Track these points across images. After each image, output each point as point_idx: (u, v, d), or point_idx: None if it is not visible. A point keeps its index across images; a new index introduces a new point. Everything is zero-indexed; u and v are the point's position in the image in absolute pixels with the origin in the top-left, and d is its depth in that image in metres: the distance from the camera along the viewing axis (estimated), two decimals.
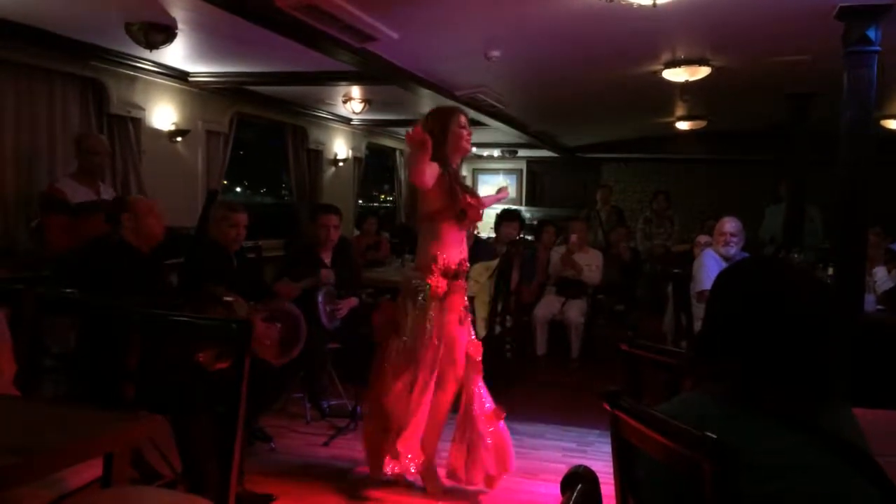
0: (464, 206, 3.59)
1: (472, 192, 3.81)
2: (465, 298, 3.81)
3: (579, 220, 7.78)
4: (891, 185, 7.98)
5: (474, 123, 8.57)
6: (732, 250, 4.83)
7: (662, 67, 5.98)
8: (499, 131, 8.93)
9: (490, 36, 5.15)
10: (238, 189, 10.33)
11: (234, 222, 4.25)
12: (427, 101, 7.33)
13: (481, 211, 3.75)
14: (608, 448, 1.52)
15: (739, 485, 1.20)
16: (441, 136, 3.50)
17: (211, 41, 5.10)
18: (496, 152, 12.68)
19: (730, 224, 4.91)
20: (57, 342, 3.34)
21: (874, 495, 1.23)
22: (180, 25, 4.61)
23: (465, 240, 3.80)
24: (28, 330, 2.65)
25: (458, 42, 5.29)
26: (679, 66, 5.87)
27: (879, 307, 4.85)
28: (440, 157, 3.47)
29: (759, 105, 8.17)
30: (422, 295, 3.58)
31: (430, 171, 3.40)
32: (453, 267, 3.65)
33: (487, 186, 14.05)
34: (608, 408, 1.49)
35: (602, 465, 3.10)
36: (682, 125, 9.51)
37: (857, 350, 3.67)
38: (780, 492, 1.21)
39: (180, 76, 6.13)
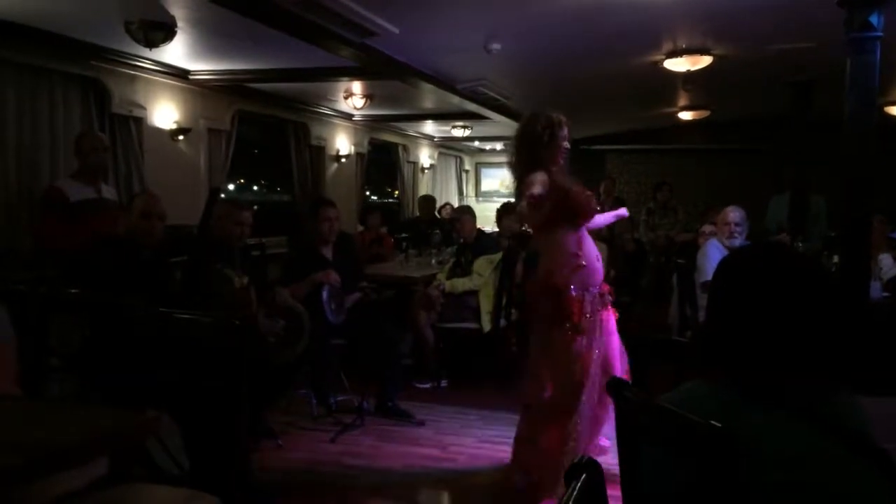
0: None
1: None
2: None
3: None
4: (894, 173, 7.94)
5: (476, 117, 8.65)
6: (737, 241, 4.80)
7: (664, 57, 5.97)
8: (501, 124, 8.92)
9: (490, 29, 5.13)
10: (255, 188, 10.36)
11: (239, 220, 4.24)
12: (429, 96, 7.34)
13: None
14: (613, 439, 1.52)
15: (745, 475, 1.19)
16: None
17: (211, 39, 5.10)
18: (499, 146, 12.67)
19: (733, 214, 4.88)
20: (60, 342, 3.34)
21: (883, 485, 1.23)
22: (180, 23, 4.61)
23: None
24: (32, 330, 2.65)
25: (459, 35, 5.28)
26: (680, 56, 5.86)
27: (885, 294, 4.84)
28: None
29: (761, 94, 8.15)
30: None
31: None
32: None
33: (491, 180, 14.06)
34: (613, 398, 1.48)
35: (607, 455, 3.09)
36: (685, 115, 9.49)
37: (864, 337, 3.66)
38: (787, 482, 1.21)
39: (181, 74, 6.13)
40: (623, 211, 4.05)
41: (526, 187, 3.29)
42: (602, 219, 3.81)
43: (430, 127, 10.61)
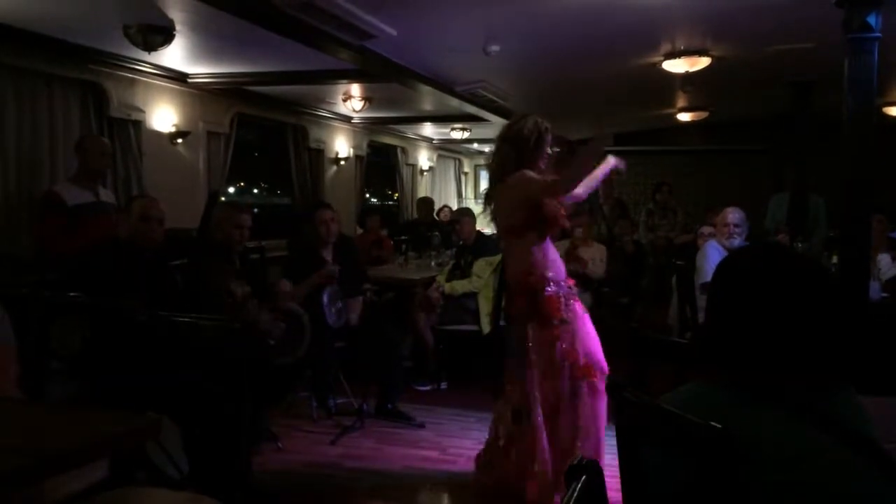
0: None
1: None
2: None
3: (583, 213, 7.75)
4: (893, 173, 7.95)
5: (475, 119, 8.65)
6: (736, 241, 4.79)
7: (662, 59, 5.97)
8: (500, 127, 8.90)
9: (489, 31, 5.14)
10: (255, 191, 10.37)
11: (238, 223, 4.24)
12: (427, 98, 7.34)
13: None
14: (613, 440, 1.52)
15: (745, 475, 1.19)
16: None
17: (209, 42, 5.09)
18: None
19: (732, 215, 4.87)
20: (61, 344, 3.34)
21: (883, 485, 1.22)
22: (178, 27, 4.61)
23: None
24: (33, 332, 2.65)
25: (457, 37, 5.28)
26: (679, 57, 5.86)
27: (884, 294, 4.83)
28: None
29: (761, 94, 8.15)
30: None
31: None
32: None
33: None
34: (612, 399, 1.48)
35: (608, 458, 3.09)
36: (684, 116, 9.49)
37: (864, 337, 3.66)
38: (787, 482, 1.20)
39: (180, 77, 6.12)
40: (613, 161, 3.97)
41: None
42: (596, 178, 3.81)
43: (428, 129, 10.61)
